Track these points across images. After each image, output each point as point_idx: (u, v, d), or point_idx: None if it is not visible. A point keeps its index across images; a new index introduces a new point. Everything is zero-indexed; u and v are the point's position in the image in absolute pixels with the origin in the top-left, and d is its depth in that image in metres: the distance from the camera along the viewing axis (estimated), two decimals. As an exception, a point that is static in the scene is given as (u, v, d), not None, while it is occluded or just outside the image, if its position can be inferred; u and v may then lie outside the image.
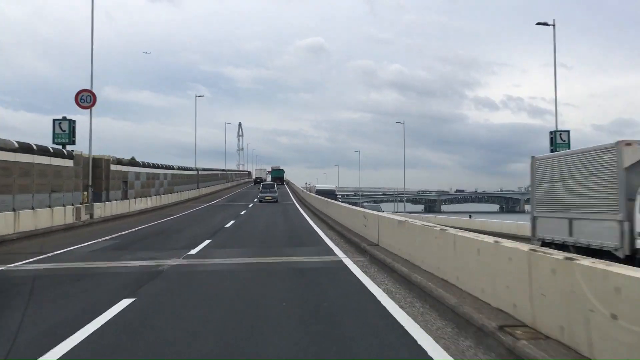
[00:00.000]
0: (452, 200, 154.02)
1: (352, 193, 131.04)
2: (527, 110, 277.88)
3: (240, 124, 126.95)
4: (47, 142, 20.30)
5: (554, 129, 26.83)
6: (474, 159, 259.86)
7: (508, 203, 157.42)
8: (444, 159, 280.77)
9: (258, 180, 74.37)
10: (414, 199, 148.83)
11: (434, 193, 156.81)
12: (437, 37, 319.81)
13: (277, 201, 36.61)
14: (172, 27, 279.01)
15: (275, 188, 41.40)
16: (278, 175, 76.96)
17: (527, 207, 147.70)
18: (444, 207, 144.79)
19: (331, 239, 14.63)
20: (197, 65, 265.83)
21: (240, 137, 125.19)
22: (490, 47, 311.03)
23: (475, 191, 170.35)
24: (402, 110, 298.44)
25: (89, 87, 22.83)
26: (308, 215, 25.72)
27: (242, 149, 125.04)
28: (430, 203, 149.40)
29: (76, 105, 22.33)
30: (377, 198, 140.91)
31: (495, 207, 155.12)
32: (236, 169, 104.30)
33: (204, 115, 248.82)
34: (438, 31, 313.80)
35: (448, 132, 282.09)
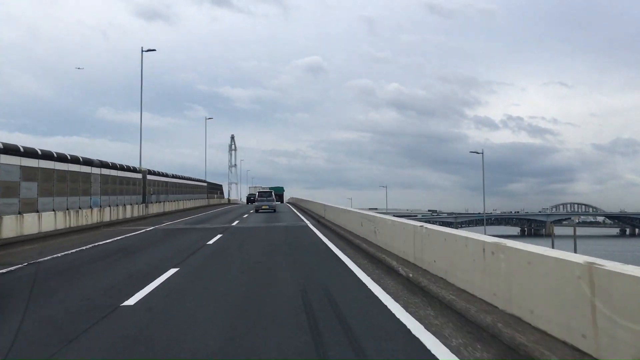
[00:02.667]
0: (469, 223, 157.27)
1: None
2: (527, 130, 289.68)
3: (232, 137, 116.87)
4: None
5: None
6: (473, 178, 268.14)
7: (531, 225, 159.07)
8: (443, 179, 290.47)
9: (251, 199, 72.57)
10: (426, 220, 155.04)
11: (448, 214, 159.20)
12: (436, 56, 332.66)
13: (275, 211, 38.55)
14: (168, 46, 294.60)
15: (273, 196, 41.71)
16: (276, 192, 71.21)
17: (556, 230, 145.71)
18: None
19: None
20: (193, 85, 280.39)
21: (234, 152, 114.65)
22: (489, 65, 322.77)
23: (494, 212, 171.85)
24: (401, 129, 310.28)
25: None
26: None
27: (235, 165, 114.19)
28: (445, 226, 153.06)
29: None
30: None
31: (515, 230, 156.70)
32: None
33: (202, 135, 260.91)
34: (437, 50, 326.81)
35: (447, 151, 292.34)
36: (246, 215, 31.06)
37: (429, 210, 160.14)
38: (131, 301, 6.85)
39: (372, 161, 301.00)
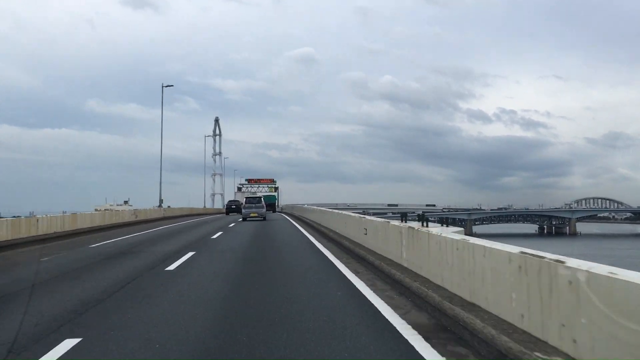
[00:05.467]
0: (483, 220, 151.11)
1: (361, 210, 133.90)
2: (520, 123, 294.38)
3: (217, 120, 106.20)
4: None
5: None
6: (466, 172, 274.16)
7: (551, 222, 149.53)
8: (436, 172, 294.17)
9: (233, 207, 55.87)
10: (435, 219, 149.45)
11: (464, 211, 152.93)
12: (430, 48, 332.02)
13: (265, 219, 35.83)
14: (158, 36, 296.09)
15: (263, 203, 38.07)
16: (268, 201, 58.45)
17: (580, 228, 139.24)
18: (476, 228, 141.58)
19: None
20: (184, 76, 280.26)
21: (218, 137, 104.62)
22: (483, 58, 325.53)
23: (509, 207, 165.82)
24: (394, 122, 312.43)
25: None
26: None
27: (220, 153, 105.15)
28: (458, 224, 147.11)
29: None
30: (391, 218, 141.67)
31: (533, 228, 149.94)
32: None
33: (192, 128, 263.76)
34: (431, 42, 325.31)
35: (440, 145, 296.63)
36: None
37: (388, 205, 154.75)
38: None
39: (365, 155, 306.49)
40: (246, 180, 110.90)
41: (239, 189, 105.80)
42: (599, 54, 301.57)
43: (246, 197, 40.45)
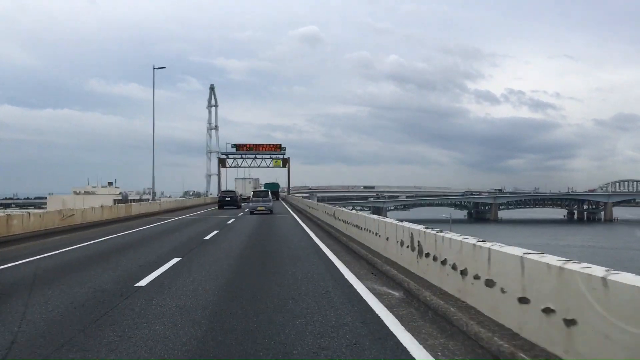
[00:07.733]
0: (508, 204, 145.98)
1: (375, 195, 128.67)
2: (528, 104, 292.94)
3: (212, 89, 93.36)
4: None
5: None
6: (472, 155, 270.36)
7: (581, 207, 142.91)
8: (442, 155, 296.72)
9: (227, 199, 48.48)
10: (454, 202, 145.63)
11: (486, 194, 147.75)
12: (437, 27, 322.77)
13: (272, 212, 36.42)
14: (159, 14, 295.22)
15: (270, 197, 39.05)
16: (271, 189, 55.56)
17: (618, 214, 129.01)
18: (502, 213, 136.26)
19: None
20: (186, 55, 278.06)
21: (213, 108, 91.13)
22: (492, 37, 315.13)
23: (536, 190, 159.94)
24: (400, 103, 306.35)
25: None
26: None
27: (217, 127, 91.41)
28: (479, 208, 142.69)
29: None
30: (407, 202, 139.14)
31: (562, 213, 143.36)
32: None
33: (195, 109, 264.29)
34: (439, 21, 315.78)
35: (446, 127, 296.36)
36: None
37: (364, 187, 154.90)
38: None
39: (370, 136, 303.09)
40: (233, 146, 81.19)
41: (222, 162, 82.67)
42: (609, 33, 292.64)
43: (254, 191, 41.69)
